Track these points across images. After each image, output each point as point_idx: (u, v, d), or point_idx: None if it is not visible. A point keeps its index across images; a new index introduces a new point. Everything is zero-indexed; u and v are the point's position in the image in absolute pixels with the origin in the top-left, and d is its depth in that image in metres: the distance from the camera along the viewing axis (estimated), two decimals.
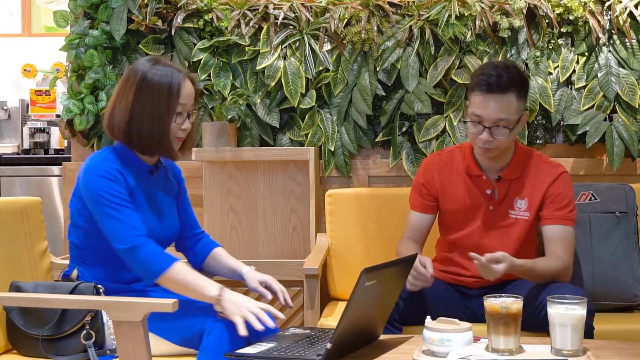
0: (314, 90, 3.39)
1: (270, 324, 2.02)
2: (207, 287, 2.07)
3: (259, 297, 2.28)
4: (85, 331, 2.11)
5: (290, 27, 3.39)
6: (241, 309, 2.01)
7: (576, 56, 3.34)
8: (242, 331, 1.96)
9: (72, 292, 2.14)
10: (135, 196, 2.17)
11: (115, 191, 2.10)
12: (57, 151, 5.08)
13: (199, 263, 2.41)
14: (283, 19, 3.35)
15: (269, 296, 2.26)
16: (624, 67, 3.31)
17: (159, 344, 2.11)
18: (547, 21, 3.32)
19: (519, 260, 2.36)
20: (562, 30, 3.34)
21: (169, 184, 2.35)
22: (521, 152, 2.59)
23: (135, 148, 2.19)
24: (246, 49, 3.39)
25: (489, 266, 2.28)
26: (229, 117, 3.32)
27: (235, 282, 2.39)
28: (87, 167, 2.15)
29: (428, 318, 2.00)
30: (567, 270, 2.51)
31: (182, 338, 2.09)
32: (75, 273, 2.23)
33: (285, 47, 3.38)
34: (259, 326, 1.98)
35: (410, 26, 3.32)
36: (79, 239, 2.22)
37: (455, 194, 2.60)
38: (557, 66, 3.35)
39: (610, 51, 3.32)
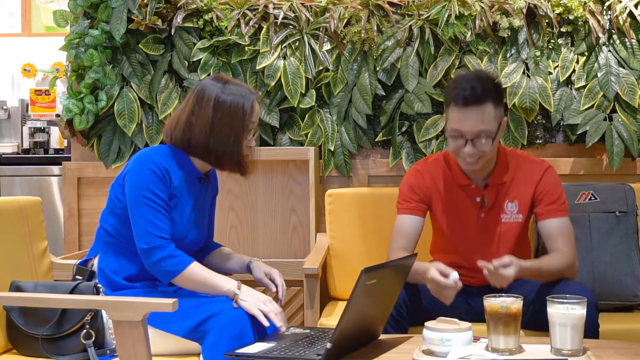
0: (313, 90, 3.39)
1: (278, 324, 2.13)
2: (224, 283, 2.18)
3: (265, 290, 2.35)
4: (85, 331, 2.11)
5: (290, 26, 3.39)
6: (259, 304, 2.13)
7: (576, 56, 3.34)
8: (265, 322, 2.11)
9: (72, 291, 2.15)
10: (179, 199, 2.24)
11: (157, 190, 2.18)
12: (57, 151, 5.08)
13: (199, 261, 2.42)
14: (283, 18, 3.35)
15: (273, 288, 2.34)
16: (623, 67, 3.31)
17: (162, 341, 2.12)
18: (547, 21, 3.32)
19: (526, 262, 2.36)
20: (562, 30, 3.34)
21: (209, 194, 2.42)
22: (504, 155, 2.57)
23: (210, 161, 2.28)
24: (246, 48, 3.39)
25: (499, 272, 2.25)
26: None
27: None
28: (141, 157, 2.22)
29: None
30: (573, 265, 2.50)
31: (189, 335, 2.10)
32: (94, 261, 2.25)
33: (285, 46, 3.38)
34: (266, 322, 2.11)
35: (410, 26, 3.32)
36: (112, 226, 2.26)
37: (446, 205, 2.58)
38: (557, 66, 3.35)
39: (610, 51, 3.32)
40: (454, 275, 2.27)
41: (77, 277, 2.25)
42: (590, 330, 2.05)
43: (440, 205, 2.59)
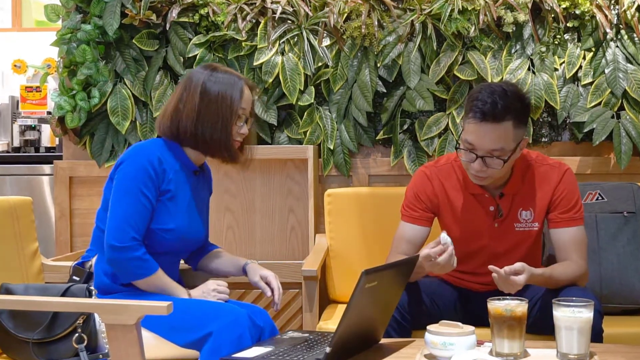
0: (312, 87, 3.39)
1: (224, 296, 2.27)
2: (178, 292, 2.23)
3: (261, 294, 2.38)
4: (77, 334, 2.11)
5: (289, 21, 3.39)
6: (211, 295, 2.25)
7: (583, 52, 3.34)
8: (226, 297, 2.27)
9: (63, 294, 2.14)
10: (176, 192, 2.27)
11: (146, 188, 2.20)
12: (48, 149, 5.07)
13: (194, 263, 2.47)
14: (281, 13, 3.35)
15: (269, 292, 2.34)
16: (632, 63, 3.31)
17: (161, 346, 2.12)
18: (552, 15, 3.32)
19: (538, 269, 2.32)
20: (568, 24, 3.34)
21: (205, 189, 2.45)
22: (519, 161, 2.49)
23: (199, 148, 2.31)
24: (243, 44, 3.39)
25: (509, 279, 2.23)
26: None
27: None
28: (137, 150, 2.26)
29: None
30: (585, 275, 2.47)
31: (187, 340, 2.11)
32: (91, 262, 2.26)
33: (283, 42, 3.38)
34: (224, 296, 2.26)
35: (412, 21, 3.32)
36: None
37: (457, 213, 2.53)
38: (563, 62, 3.34)
39: (617, 46, 3.32)
40: (443, 235, 2.26)
41: (74, 277, 2.26)
42: (594, 335, 2.04)
43: (450, 212, 2.54)
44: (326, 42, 3.37)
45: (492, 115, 2.31)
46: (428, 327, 1.97)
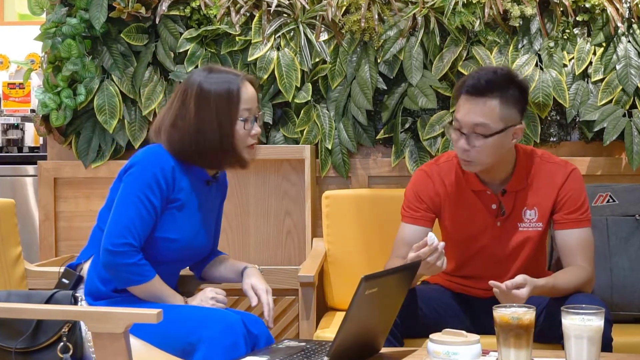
0: (309, 84, 3.39)
1: (222, 305, 2.28)
2: (175, 300, 2.25)
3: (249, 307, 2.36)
4: (62, 343, 2.11)
5: (284, 15, 3.39)
6: (209, 303, 2.25)
7: (593, 47, 3.34)
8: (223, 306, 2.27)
9: (47, 301, 2.15)
10: (186, 202, 2.27)
11: (152, 196, 2.19)
12: (31, 149, 5.07)
13: (198, 271, 2.49)
14: (276, 6, 3.35)
15: (254, 301, 2.34)
16: None
17: (151, 354, 2.12)
18: (561, 9, 3.33)
19: (540, 280, 2.32)
20: (577, 18, 3.35)
21: (217, 198, 2.45)
22: (523, 157, 2.52)
23: (203, 163, 2.29)
24: (237, 38, 3.39)
25: (511, 293, 2.22)
26: None
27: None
28: (150, 152, 2.25)
29: None
30: (590, 282, 2.48)
31: (178, 348, 2.11)
32: (84, 266, 2.28)
33: (279, 36, 3.38)
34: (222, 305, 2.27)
35: (414, 14, 3.32)
36: None
37: (458, 212, 2.54)
38: (573, 58, 3.35)
39: (629, 41, 3.33)
40: (430, 235, 2.26)
41: (63, 280, 2.27)
42: (603, 344, 2.04)
43: (451, 212, 2.55)
44: (324, 36, 3.38)
45: (475, 89, 2.38)
46: (431, 336, 1.97)
